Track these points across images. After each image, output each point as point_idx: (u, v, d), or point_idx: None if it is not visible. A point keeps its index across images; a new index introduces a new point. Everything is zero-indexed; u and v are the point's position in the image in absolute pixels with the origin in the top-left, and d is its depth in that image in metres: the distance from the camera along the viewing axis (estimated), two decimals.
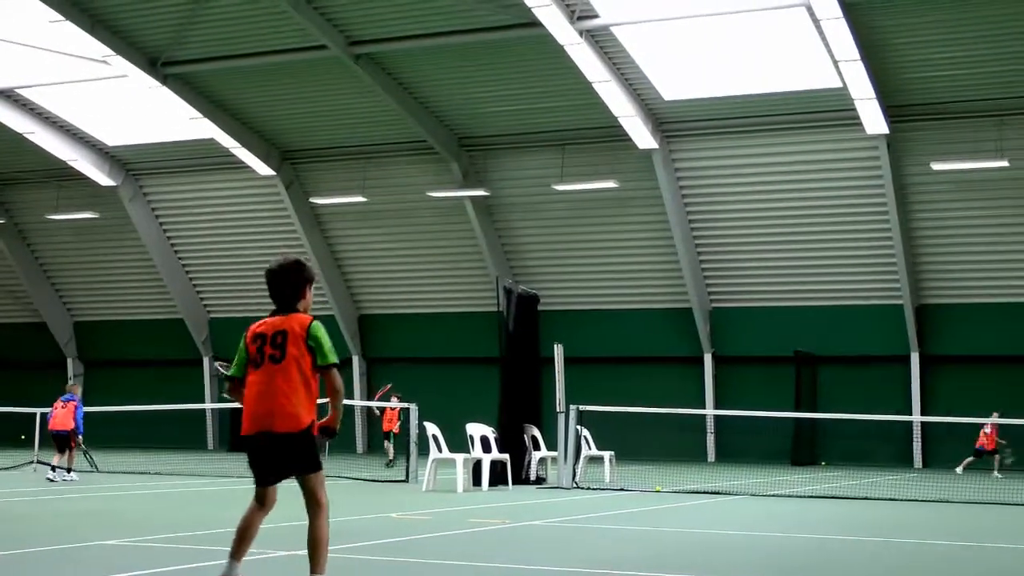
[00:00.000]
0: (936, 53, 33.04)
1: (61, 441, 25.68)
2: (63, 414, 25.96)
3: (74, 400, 26.30)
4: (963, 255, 38.42)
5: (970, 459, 34.20)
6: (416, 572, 10.65)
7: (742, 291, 41.14)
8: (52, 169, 45.01)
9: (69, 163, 43.80)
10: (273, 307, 8.59)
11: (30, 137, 42.47)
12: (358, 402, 43.05)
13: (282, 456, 8.32)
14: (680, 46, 33.87)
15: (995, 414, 31.26)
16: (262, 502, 8.45)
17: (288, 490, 8.20)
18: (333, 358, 8.35)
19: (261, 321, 8.56)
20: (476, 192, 40.52)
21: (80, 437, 26.30)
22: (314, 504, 8.37)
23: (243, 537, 8.36)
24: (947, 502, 21.46)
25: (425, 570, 10.78)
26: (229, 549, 8.37)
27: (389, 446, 34.77)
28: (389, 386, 35.90)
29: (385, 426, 35.67)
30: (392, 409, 34.26)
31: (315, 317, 8.52)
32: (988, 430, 33.74)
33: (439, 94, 38.13)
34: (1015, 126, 35.00)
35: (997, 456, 34.16)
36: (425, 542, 13.12)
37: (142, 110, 40.67)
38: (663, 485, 24.49)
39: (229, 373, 8.71)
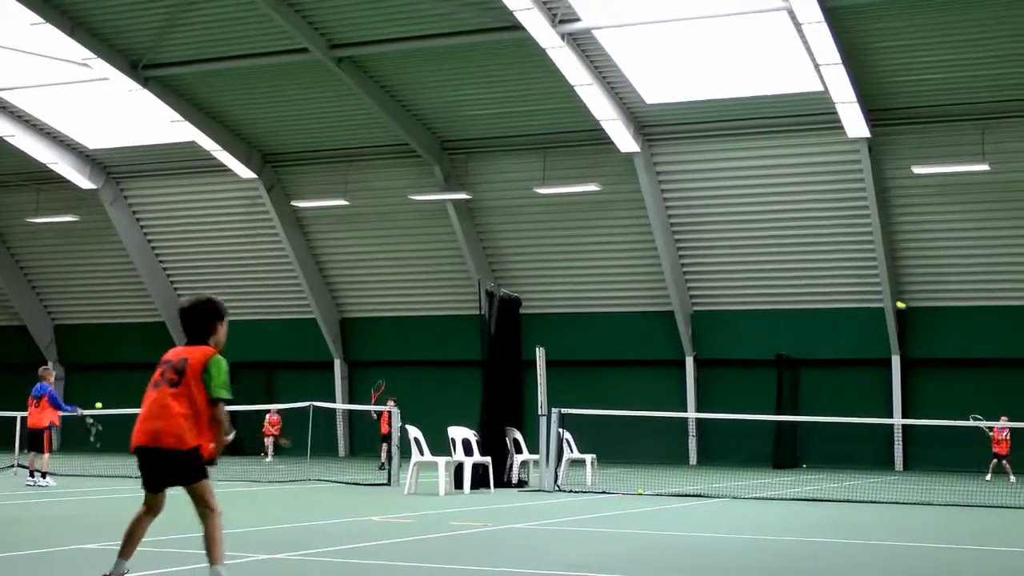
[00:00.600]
0: (917, 57, 33.13)
1: (36, 440, 25.12)
2: (36, 412, 25.50)
3: (46, 392, 25.73)
4: (944, 259, 38.52)
5: (995, 462, 33.79)
6: (397, 575, 10.62)
7: (724, 294, 41.18)
8: (32, 172, 44.89)
9: (50, 166, 43.69)
10: (186, 339, 9.03)
11: (10, 140, 42.35)
12: (340, 406, 42.98)
13: (168, 469, 8.79)
14: (662, 50, 33.90)
15: (1003, 417, 31.30)
16: (150, 507, 8.96)
17: (267, 495, 8.16)
18: (223, 393, 8.73)
19: (173, 349, 9.07)
20: (458, 195, 40.50)
21: (79, 411, 25.92)
22: (204, 508, 8.80)
23: (131, 537, 8.91)
24: (929, 504, 21.50)
25: (406, 573, 10.76)
26: (118, 548, 8.88)
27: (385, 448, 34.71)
28: (383, 385, 35.80)
29: (384, 428, 35.83)
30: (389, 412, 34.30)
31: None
32: (1000, 435, 33.40)
33: (421, 97, 38.11)
34: (996, 130, 35.11)
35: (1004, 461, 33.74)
36: (406, 545, 13.09)
37: (123, 113, 40.59)
38: (645, 488, 24.49)
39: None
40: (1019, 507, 21.56)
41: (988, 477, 33.23)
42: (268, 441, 40.73)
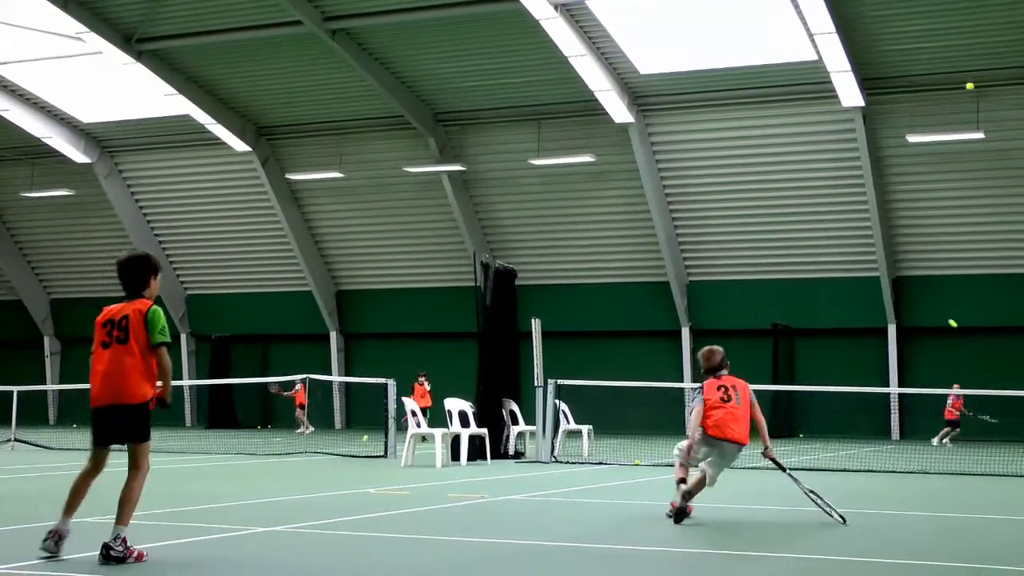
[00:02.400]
0: (911, 25, 33.06)
1: None
2: None
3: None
4: (939, 227, 38.55)
5: (946, 430, 34.36)
6: (394, 547, 10.66)
7: (719, 264, 41.20)
8: (27, 146, 44.81)
9: (44, 140, 43.62)
10: (123, 294, 9.77)
11: (4, 114, 42.27)
12: (336, 378, 43.02)
13: (122, 424, 9.57)
14: (656, 20, 33.82)
15: (955, 385, 31.66)
16: (96, 463, 9.76)
17: (264, 468, 8.18)
18: (161, 338, 9.54)
19: (110, 307, 9.75)
20: (453, 167, 40.47)
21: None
22: (133, 467, 9.61)
23: (76, 495, 9.66)
24: (925, 473, 21.57)
25: (403, 545, 10.80)
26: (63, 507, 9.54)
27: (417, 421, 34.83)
28: (424, 374, 35.90)
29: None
30: (420, 385, 34.38)
31: (159, 303, 9.78)
32: (951, 402, 33.98)
33: (415, 69, 38.03)
34: (991, 98, 35.07)
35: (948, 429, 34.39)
36: (403, 517, 13.13)
37: (117, 87, 40.49)
38: (642, 459, 24.54)
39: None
40: (1016, 475, 21.62)
41: (935, 442, 34.04)
42: (301, 412, 39.51)
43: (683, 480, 13.15)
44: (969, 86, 23.13)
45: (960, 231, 38.43)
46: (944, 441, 33.87)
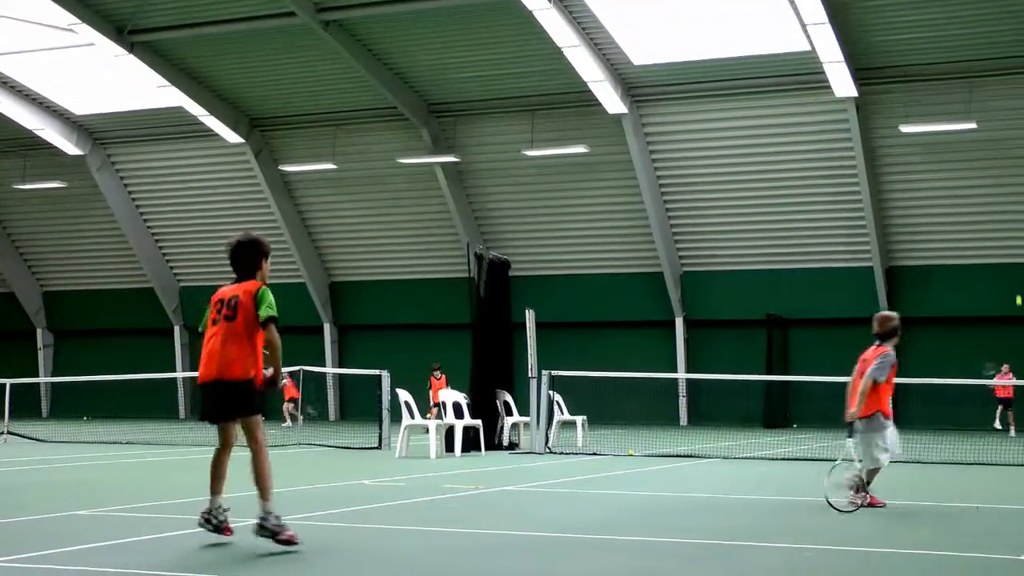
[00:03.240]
0: (904, 15, 33.06)
1: None
2: None
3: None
4: (932, 217, 38.57)
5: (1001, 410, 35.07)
6: (389, 538, 10.66)
7: (713, 255, 41.21)
8: (18, 138, 44.71)
9: (36, 132, 43.53)
10: (234, 276, 10.08)
11: None
12: (330, 370, 43.00)
13: (230, 400, 9.91)
14: (649, 10, 33.79)
15: (1005, 366, 32.14)
16: (224, 442, 10.12)
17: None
18: (269, 312, 9.76)
19: (224, 288, 10.08)
20: (446, 158, 40.45)
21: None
22: (250, 443, 9.92)
23: (215, 474, 10.04)
24: (919, 462, 21.58)
25: (398, 536, 10.79)
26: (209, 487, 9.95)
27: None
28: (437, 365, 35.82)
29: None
30: (436, 379, 34.40)
31: (270, 285, 10.06)
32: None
33: (408, 60, 37.99)
34: (984, 88, 35.09)
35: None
36: (398, 509, 13.13)
37: (109, 78, 40.41)
38: (635, 449, 24.55)
39: (199, 330, 10.18)
40: (1011, 464, 21.66)
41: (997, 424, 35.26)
42: (287, 407, 39.54)
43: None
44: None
45: (953, 221, 38.46)
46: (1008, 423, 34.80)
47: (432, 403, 34.82)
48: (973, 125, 34.85)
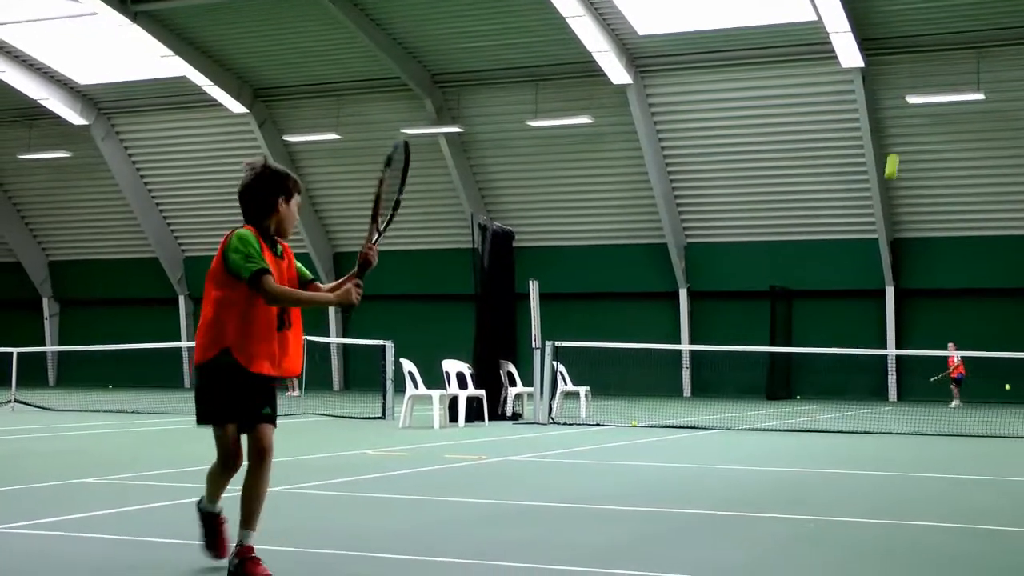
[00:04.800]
0: None
1: None
2: None
3: None
4: (938, 189, 38.52)
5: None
6: (393, 508, 10.68)
7: (717, 226, 41.18)
8: (23, 108, 44.69)
9: (40, 102, 43.50)
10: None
11: (0, 76, 42.11)
12: (334, 340, 43.04)
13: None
14: None
15: (950, 344, 31.93)
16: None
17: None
18: (251, 266, 6.94)
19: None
20: (450, 129, 40.40)
21: None
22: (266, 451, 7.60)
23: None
24: (921, 435, 21.61)
25: (402, 506, 10.82)
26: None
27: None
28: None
29: None
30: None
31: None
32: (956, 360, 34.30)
33: (412, 30, 37.91)
34: (992, 59, 34.98)
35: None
36: (402, 478, 13.15)
37: (113, 48, 40.36)
38: (639, 420, 24.59)
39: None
40: (1008, 436, 21.68)
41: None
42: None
43: None
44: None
45: (959, 193, 38.41)
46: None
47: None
48: (981, 96, 34.76)
